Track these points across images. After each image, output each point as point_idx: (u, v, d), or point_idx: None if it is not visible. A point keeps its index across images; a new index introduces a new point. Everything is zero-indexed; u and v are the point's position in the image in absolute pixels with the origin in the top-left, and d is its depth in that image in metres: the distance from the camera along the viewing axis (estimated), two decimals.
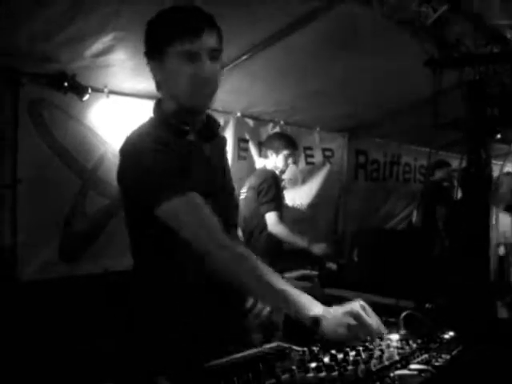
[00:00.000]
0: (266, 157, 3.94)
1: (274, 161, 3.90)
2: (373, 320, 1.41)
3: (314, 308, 1.43)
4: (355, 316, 1.38)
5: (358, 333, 1.38)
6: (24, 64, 2.92)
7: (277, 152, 3.90)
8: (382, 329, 1.41)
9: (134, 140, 1.59)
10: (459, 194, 3.36)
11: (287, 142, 3.94)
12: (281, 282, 1.45)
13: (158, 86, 1.67)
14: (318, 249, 3.78)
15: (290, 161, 4.00)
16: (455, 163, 7.04)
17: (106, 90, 3.30)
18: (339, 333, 1.38)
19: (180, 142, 1.61)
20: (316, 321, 1.40)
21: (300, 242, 3.81)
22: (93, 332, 3.50)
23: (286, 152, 3.91)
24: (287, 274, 3.35)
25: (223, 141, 1.89)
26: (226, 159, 1.87)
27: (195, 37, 1.50)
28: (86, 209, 3.38)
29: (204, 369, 1.37)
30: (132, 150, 1.58)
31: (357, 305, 1.42)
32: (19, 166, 3.02)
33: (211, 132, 1.69)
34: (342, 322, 1.38)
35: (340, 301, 1.57)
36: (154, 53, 1.57)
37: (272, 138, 4.06)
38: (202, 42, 1.51)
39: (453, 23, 3.29)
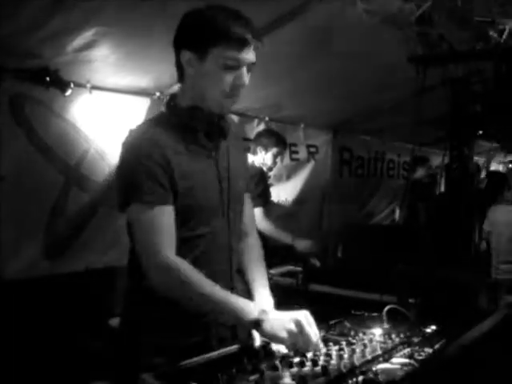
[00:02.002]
0: (254, 153, 3.94)
1: (262, 157, 3.90)
2: (313, 332, 1.42)
3: (255, 311, 1.46)
4: (297, 324, 1.41)
5: (297, 340, 1.40)
6: (5, 59, 2.87)
7: (266, 149, 3.90)
8: (320, 345, 1.43)
9: (131, 135, 1.59)
10: (442, 190, 3.40)
11: (277, 140, 3.94)
12: (219, 293, 1.48)
13: (183, 78, 1.63)
14: (302, 246, 3.78)
15: (278, 159, 4.00)
16: (438, 160, 7.13)
17: (88, 85, 3.26)
18: (279, 336, 1.41)
19: (179, 145, 1.59)
20: (257, 322, 1.43)
21: (284, 238, 3.81)
22: (76, 330, 3.48)
23: (275, 150, 3.92)
24: (272, 270, 3.35)
25: (239, 142, 1.88)
26: (243, 161, 1.85)
27: (242, 47, 1.52)
28: (68, 206, 3.34)
29: (189, 365, 1.37)
30: (124, 145, 1.58)
31: (301, 314, 1.44)
32: (1, 164, 2.97)
33: (221, 130, 1.68)
34: (284, 326, 1.41)
35: (323, 297, 1.59)
36: (197, 47, 1.53)
37: (262, 134, 4.05)
38: (246, 54, 1.53)
39: (436, 20, 3.31)
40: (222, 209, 1.65)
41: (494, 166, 8.14)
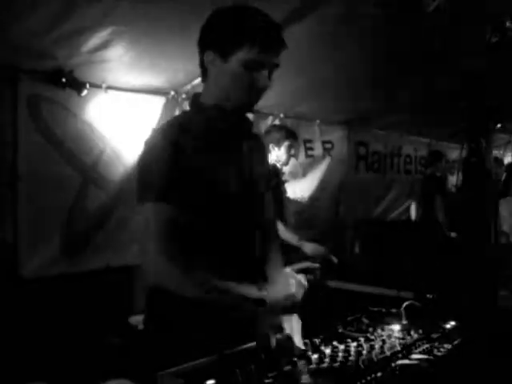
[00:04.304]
0: None
1: (275, 154, 3.87)
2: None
3: (255, 290, 1.52)
4: (293, 277, 1.62)
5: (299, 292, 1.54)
6: (22, 60, 2.91)
7: (278, 144, 3.87)
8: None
9: (153, 134, 1.60)
10: (459, 184, 3.36)
11: (287, 133, 3.91)
12: (220, 282, 1.50)
13: (206, 77, 1.64)
14: (309, 249, 3.72)
15: (292, 151, 3.97)
16: (454, 154, 7.07)
17: (103, 85, 3.28)
18: (292, 291, 1.55)
19: (202, 144, 1.59)
20: (261, 299, 1.48)
21: (292, 239, 3.75)
22: (96, 328, 3.51)
23: (287, 143, 3.88)
24: (289, 267, 3.34)
25: (260, 142, 1.87)
26: (264, 160, 1.86)
27: (267, 50, 1.53)
28: (86, 204, 3.37)
29: (207, 362, 1.37)
30: (145, 144, 1.59)
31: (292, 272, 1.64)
32: (19, 163, 3.01)
33: (243, 130, 1.68)
34: (289, 282, 1.58)
35: (341, 293, 1.62)
36: (222, 48, 1.54)
37: (271, 130, 4.02)
38: (269, 56, 1.55)
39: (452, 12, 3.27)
40: (244, 207, 1.65)
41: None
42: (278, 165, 3.89)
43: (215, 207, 1.58)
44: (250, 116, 1.73)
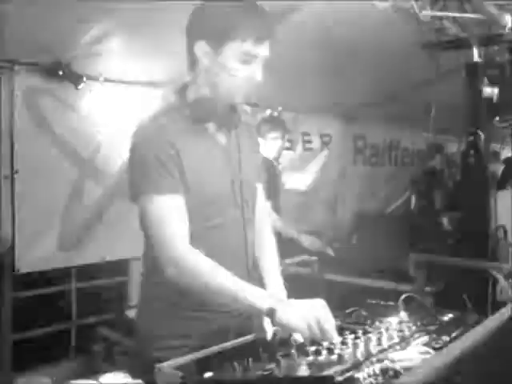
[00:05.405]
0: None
1: (268, 146, 3.83)
2: (330, 322, 1.37)
3: (269, 299, 1.42)
4: (314, 313, 1.36)
5: (313, 330, 1.34)
6: (18, 53, 2.89)
7: (269, 136, 3.82)
8: (336, 335, 1.36)
9: (140, 126, 1.60)
10: (457, 177, 3.36)
11: (278, 124, 3.86)
12: (232, 282, 1.46)
13: (194, 68, 1.62)
14: (307, 242, 3.72)
15: (284, 142, 3.92)
16: (452, 147, 7.06)
17: (101, 78, 3.27)
18: (296, 326, 1.36)
19: (189, 136, 1.58)
20: (270, 311, 1.39)
21: (290, 232, 3.74)
22: (93, 321, 3.51)
23: (278, 134, 3.82)
24: (287, 260, 3.35)
25: (250, 132, 1.84)
26: (255, 151, 1.82)
27: (259, 42, 1.51)
28: (83, 198, 3.36)
29: (204, 355, 1.37)
30: (133, 137, 1.58)
31: (318, 302, 1.40)
32: (16, 157, 3.01)
33: (231, 121, 1.66)
34: (300, 316, 1.36)
35: (339, 286, 1.58)
36: (215, 39, 1.52)
37: (261, 123, 3.90)
38: (262, 48, 1.53)
39: (449, 5, 3.27)
40: (234, 200, 1.64)
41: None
42: (272, 157, 3.86)
43: (203, 201, 1.57)
44: (248, 109, 1.72)
